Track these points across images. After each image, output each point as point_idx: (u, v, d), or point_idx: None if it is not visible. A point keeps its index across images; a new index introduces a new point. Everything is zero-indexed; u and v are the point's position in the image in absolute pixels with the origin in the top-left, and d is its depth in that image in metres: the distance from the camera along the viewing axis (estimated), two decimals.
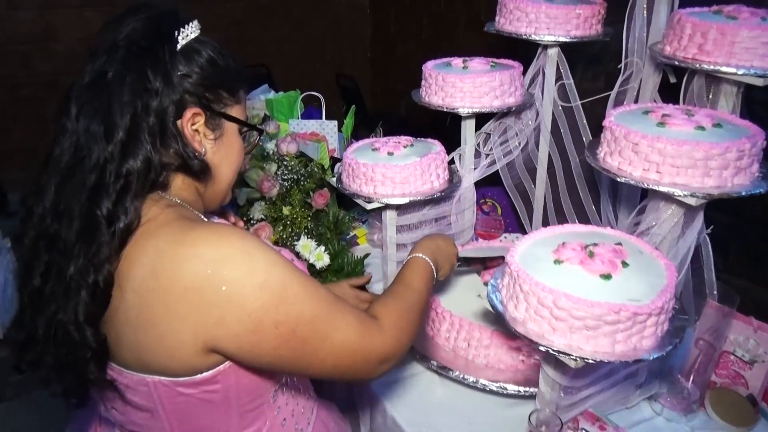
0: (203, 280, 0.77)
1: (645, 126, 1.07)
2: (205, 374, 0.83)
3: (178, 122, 0.86)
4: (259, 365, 0.86)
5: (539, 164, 1.68)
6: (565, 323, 0.90)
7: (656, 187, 1.01)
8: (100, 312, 0.80)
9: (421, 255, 1.15)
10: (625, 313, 0.87)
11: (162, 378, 0.83)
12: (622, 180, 1.05)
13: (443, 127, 4.54)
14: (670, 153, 1.00)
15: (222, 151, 0.94)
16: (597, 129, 1.62)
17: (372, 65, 5.37)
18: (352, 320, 0.88)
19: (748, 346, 1.25)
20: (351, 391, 1.43)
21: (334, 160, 2.19)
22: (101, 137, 0.80)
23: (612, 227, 1.59)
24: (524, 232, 1.90)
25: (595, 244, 1.00)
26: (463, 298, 1.42)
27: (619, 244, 1.02)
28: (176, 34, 0.86)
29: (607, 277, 0.94)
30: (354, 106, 2.37)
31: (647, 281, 0.94)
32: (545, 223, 1.73)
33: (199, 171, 0.90)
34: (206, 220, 0.93)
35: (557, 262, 0.98)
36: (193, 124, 0.88)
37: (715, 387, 1.28)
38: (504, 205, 2.00)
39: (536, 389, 1.23)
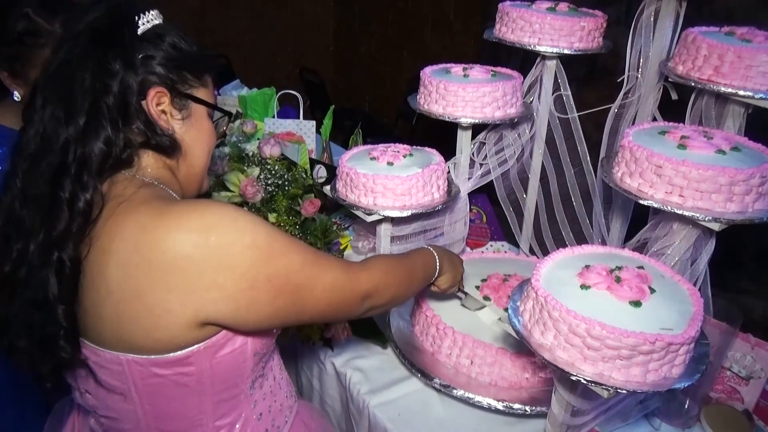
0: (192, 248, 0.78)
1: (666, 148, 1.06)
2: (179, 353, 0.83)
3: (143, 102, 0.88)
4: (258, 321, 0.87)
5: (532, 174, 1.67)
6: (597, 352, 0.88)
7: (679, 211, 1.01)
8: (70, 290, 0.81)
9: (430, 248, 1.22)
10: (660, 343, 0.85)
11: (136, 356, 0.83)
12: (644, 203, 1.04)
13: (409, 126, 4.50)
14: (695, 177, 0.99)
15: (192, 131, 0.96)
16: (588, 139, 1.64)
17: (335, 60, 5.29)
18: (336, 262, 0.94)
19: (745, 362, 1.28)
20: (348, 409, 1.38)
21: (312, 162, 2.12)
22: (63, 121, 0.82)
23: (604, 237, 1.61)
24: (510, 240, 1.90)
25: (619, 268, 0.99)
26: (465, 314, 1.39)
27: (641, 267, 1.01)
28: (136, 19, 0.89)
29: (636, 304, 0.92)
30: (332, 105, 2.30)
31: (676, 309, 0.93)
32: (536, 233, 1.72)
33: (167, 146, 0.91)
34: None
35: (584, 287, 0.96)
36: (158, 104, 0.90)
37: (711, 402, 1.30)
38: (488, 212, 1.98)
39: (542, 408, 1.22)
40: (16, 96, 1.32)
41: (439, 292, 1.30)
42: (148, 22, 0.90)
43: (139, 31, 0.88)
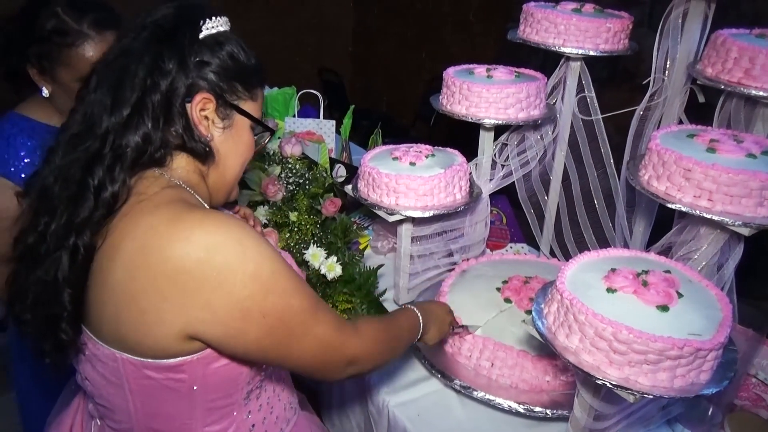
0: (194, 264, 0.78)
1: (694, 151, 1.04)
2: (172, 360, 0.84)
3: (188, 105, 0.89)
4: (242, 353, 0.87)
5: (554, 176, 1.66)
6: (624, 357, 0.87)
7: (708, 215, 0.99)
8: (80, 276, 0.83)
9: (414, 308, 1.18)
10: (688, 348, 0.84)
11: (131, 357, 0.84)
12: (672, 206, 1.03)
13: (427, 127, 4.48)
14: (725, 181, 0.98)
15: (230, 141, 0.95)
16: (609, 141, 1.62)
17: (353, 61, 5.30)
18: (332, 318, 0.92)
19: None
20: (367, 409, 1.38)
21: (332, 162, 2.12)
22: (108, 109, 0.84)
23: (627, 241, 1.60)
24: (530, 242, 1.88)
25: (646, 272, 0.98)
26: (484, 316, 1.38)
27: (668, 271, 1.00)
28: (201, 23, 0.90)
29: (664, 308, 0.91)
30: (353, 105, 2.31)
31: (704, 314, 0.92)
32: (557, 235, 1.71)
33: (201, 153, 0.92)
34: (207, 207, 0.93)
35: (610, 290, 0.95)
36: (202, 109, 0.90)
37: (736, 409, 1.28)
38: (508, 213, 1.97)
39: (563, 411, 1.21)
40: (45, 92, 1.34)
41: (427, 347, 1.29)
42: (212, 27, 0.91)
43: (201, 36, 0.89)
